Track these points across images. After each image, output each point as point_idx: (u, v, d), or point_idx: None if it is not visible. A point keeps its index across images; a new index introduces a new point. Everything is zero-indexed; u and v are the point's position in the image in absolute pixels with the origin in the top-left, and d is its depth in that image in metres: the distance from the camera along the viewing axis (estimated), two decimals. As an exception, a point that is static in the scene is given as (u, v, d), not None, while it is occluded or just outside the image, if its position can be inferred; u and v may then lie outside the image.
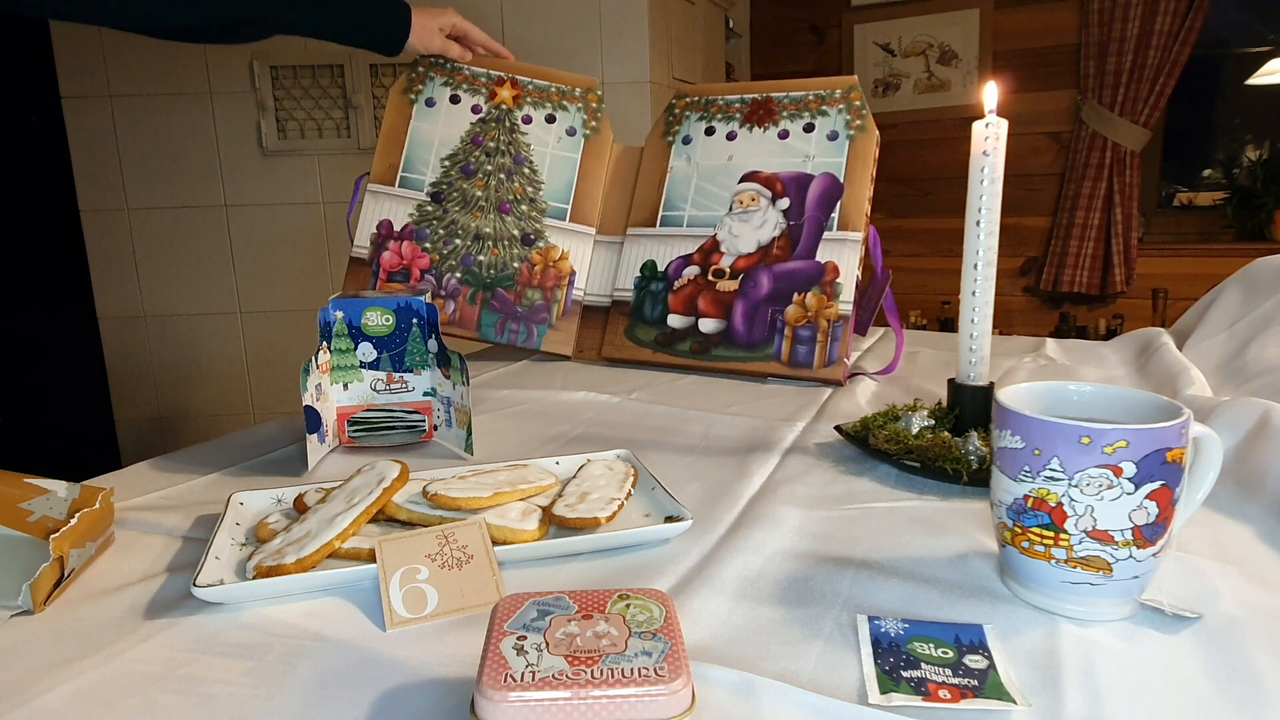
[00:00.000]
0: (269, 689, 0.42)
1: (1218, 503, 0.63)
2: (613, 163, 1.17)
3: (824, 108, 1.08)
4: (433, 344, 0.82)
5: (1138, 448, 0.44)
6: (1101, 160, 2.68)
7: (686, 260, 1.09)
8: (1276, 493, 0.61)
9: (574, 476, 0.66)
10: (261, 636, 0.47)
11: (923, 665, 0.43)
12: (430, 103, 1.16)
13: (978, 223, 0.69)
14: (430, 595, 0.50)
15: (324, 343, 0.80)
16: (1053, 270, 2.82)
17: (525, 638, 0.38)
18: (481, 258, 1.13)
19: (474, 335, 1.13)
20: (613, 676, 0.35)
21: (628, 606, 0.40)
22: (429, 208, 1.14)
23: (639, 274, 1.12)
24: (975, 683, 0.41)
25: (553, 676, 0.35)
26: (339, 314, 0.81)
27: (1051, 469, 0.45)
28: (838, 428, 0.79)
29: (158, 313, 2.44)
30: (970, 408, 0.72)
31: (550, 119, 1.15)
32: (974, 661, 0.43)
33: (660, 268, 1.11)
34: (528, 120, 1.15)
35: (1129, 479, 0.44)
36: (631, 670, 0.35)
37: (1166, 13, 2.52)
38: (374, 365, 0.82)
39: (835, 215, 1.04)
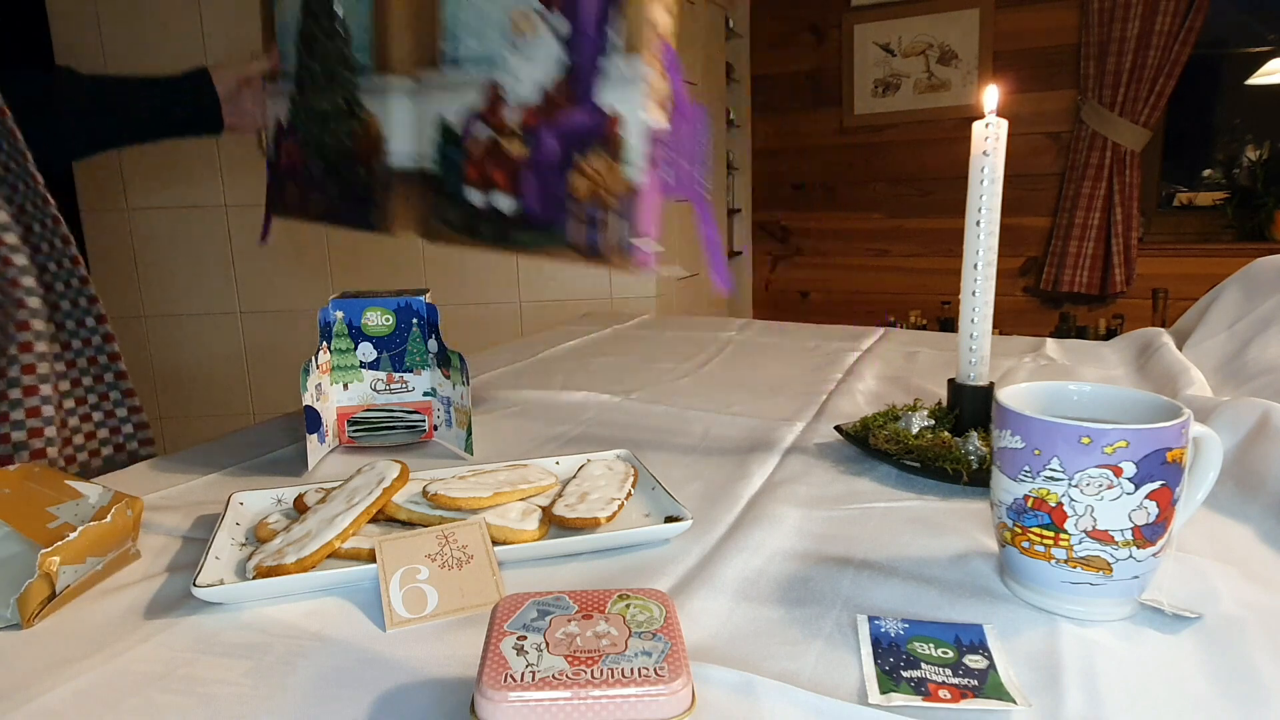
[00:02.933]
0: (269, 689, 0.42)
1: (1218, 503, 0.63)
2: None
3: None
4: (433, 344, 0.82)
5: (1138, 448, 0.44)
6: (1101, 160, 2.68)
7: (477, 117, 0.86)
8: (1276, 493, 0.61)
9: (574, 476, 0.66)
10: (261, 636, 0.47)
11: (923, 665, 0.43)
12: None
13: (978, 223, 0.69)
14: (430, 595, 0.50)
15: (324, 343, 0.80)
16: (1053, 270, 2.82)
17: (525, 638, 0.38)
18: (327, 140, 0.96)
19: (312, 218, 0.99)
20: (613, 676, 0.35)
21: (628, 606, 0.40)
22: (294, 96, 0.99)
23: (438, 137, 0.89)
24: (975, 683, 0.41)
25: (553, 676, 0.35)
26: (339, 314, 0.81)
27: (1051, 469, 0.45)
28: (838, 428, 0.79)
29: (158, 313, 2.44)
30: (970, 408, 0.72)
31: None
32: (974, 661, 0.43)
33: (456, 129, 0.87)
34: None
35: (1129, 479, 0.44)
36: (631, 670, 0.35)
37: (1166, 13, 2.52)
38: (374, 365, 0.82)
39: (619, 36, 0.74)
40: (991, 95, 0.67)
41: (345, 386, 0.82)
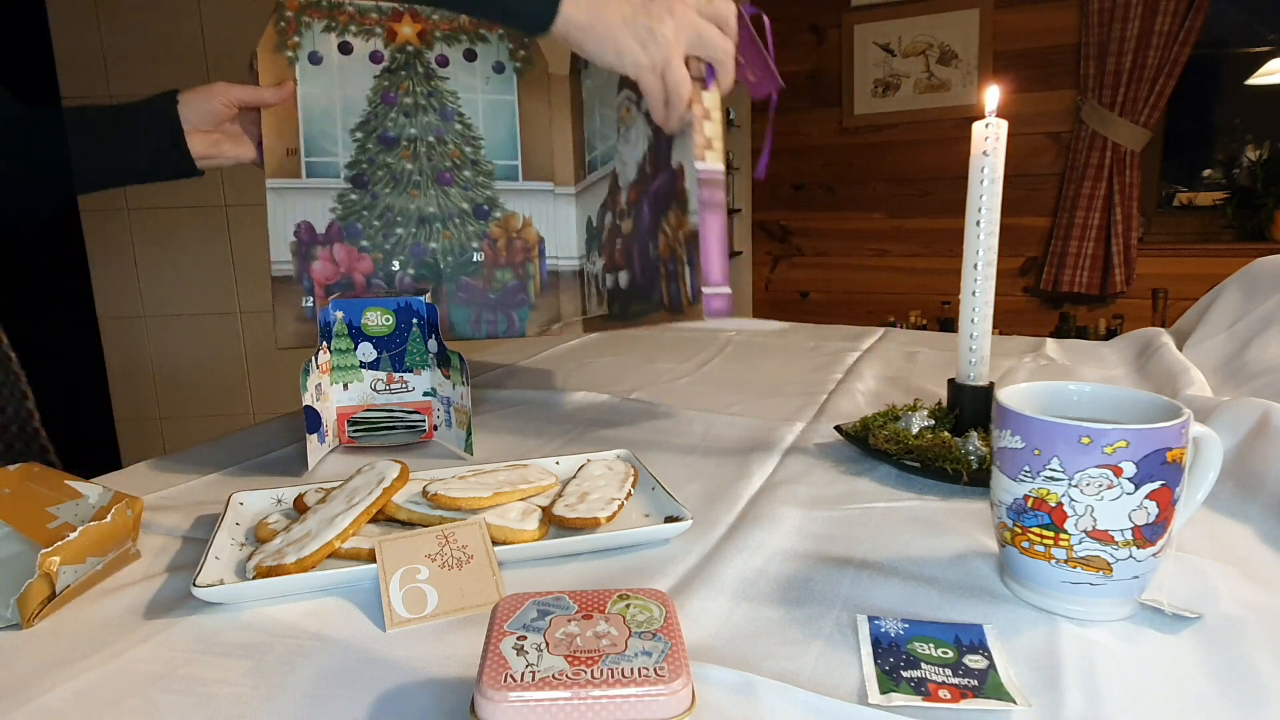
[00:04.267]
0: (269, 689, 0.42)
1: (1218, 503, 0.63)
2: (554, 96, 0.95)
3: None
4: (433, 344, 0.82)
5: (1138, 448, 0.44)
6: (1101, 160, 2.68)
7: (604, 208, 0.91)
8: (1276, 493, 0.61)
9: (574, 476, 0.66)
10: (261, 636, 0.47)
11: (923, 665, 0.43)
12: (315, 58, 0.87)
13: (978, 223, 0.69)
14: (430, 595, 0.50)
15: (324, 343, 0.80)
16: (1053, 270, 2.82)
17: (525, 638, 0.38)
18: (433, 245, 0.92)
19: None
20: (613, 676, 0.35)
21: (628, 606, 0.40)
22: (353, 196, 0.90)
23: (585, 234, 0.95)
24: (975, 683, 0.41)
25: (553, 676, 0.35)
26: (339, 314, 0.81)
27: (1051, 469, 0.45)
28: (838, 428, 0.79)
29: (158, 313, 2.44)
30: (970, 408, 0.72)
31: (470, 55, 0.91)
32: (974, 661, 0.43)
33: (594, 222, 0.92)
34: (443, 62, 0.91)
35: (1129, 479, 0.44)
36: (631, 670, 0.35)
37: (1166, 13, 2.52)
38: (374, 365, 0.82)
39: None
40: (992, 95, 0.67)
41: (345, 386, 0.82)
